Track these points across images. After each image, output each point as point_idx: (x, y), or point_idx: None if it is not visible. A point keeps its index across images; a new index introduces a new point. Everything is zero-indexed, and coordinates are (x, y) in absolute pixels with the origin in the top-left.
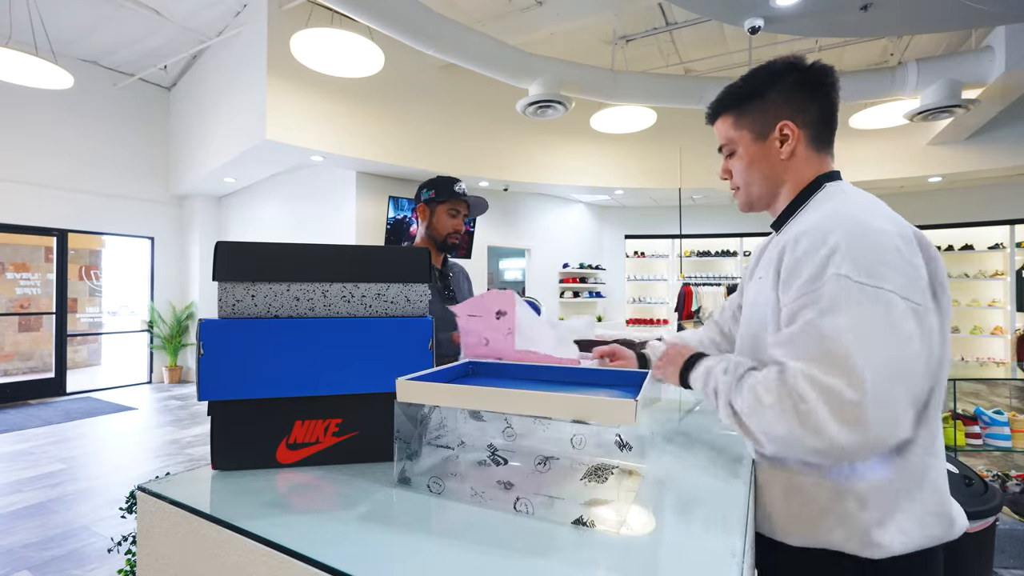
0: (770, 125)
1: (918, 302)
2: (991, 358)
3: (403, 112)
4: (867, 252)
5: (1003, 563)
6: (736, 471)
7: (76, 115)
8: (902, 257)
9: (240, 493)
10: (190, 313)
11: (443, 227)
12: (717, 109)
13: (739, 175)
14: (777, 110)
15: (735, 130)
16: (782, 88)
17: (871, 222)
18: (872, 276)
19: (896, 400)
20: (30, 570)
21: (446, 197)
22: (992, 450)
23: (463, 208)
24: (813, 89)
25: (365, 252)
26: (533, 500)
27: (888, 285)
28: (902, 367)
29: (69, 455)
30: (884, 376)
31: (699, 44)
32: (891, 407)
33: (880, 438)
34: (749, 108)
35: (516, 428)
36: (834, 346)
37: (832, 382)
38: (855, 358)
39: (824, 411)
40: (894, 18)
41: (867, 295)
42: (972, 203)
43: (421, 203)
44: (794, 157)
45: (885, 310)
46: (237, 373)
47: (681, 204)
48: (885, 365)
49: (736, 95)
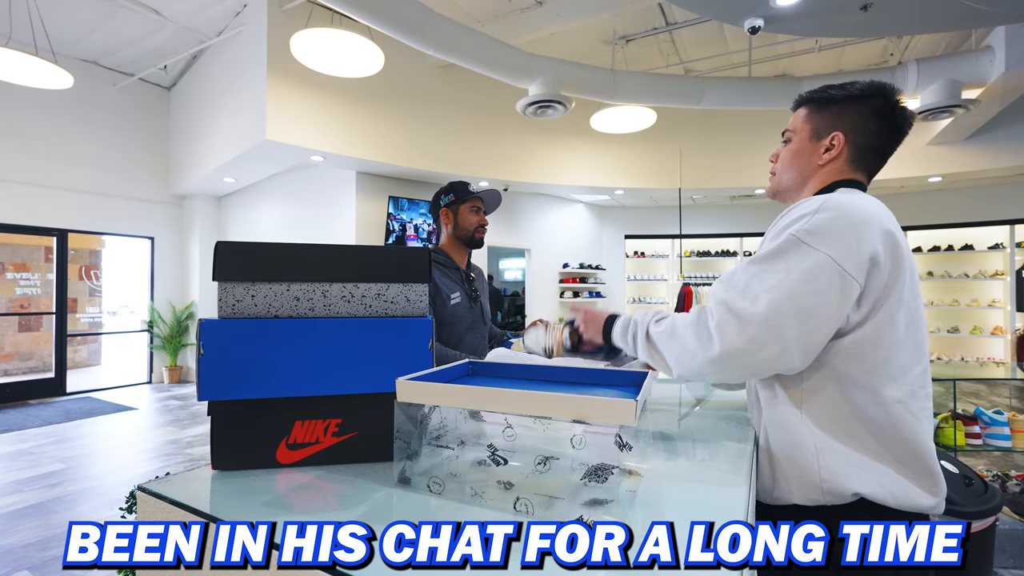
0: (828, 130)
1: (849, 271)
2: (991, 358)
3: (403, 112)
4: (824, 220)
5: (1003, 563)
6: (737, 470)
7: (76, 115)
8: (854, 233)
9: (240, 493)
10: (190, 313)
11: (469, 224)
12: (805, 98)
13: (782, 161)
14: (841, 120)
15: (804, 122)
16: (860, 106)
17: (846, 202)
18: (816, 239)
19: (786, 331)
20: (30, 570)
21: (465, 197)
22: (992, 450)
23: (481, 204)
24: (879, 120)
25: (365, 252)
26: (533, 500)
27: (823, 247)
28: (803, 308)
29: (69, 455)
30: (782, 308)
31: (699, 44)
32: (780, 336)
33: (767, 358)
34: (826, 109)
35: (516, 428)
36: (754, 279)
37: (740, 304)
38: (766, 290)
39: (726, 325)
40: (894, 18)
41: (802, 251)
42: (972, 203)
43: (443, 208)
44: (830, 165)
45: (811, 264)
46: (237, 373)
47: (681, 204)
48: (788, 302)
49: (823, 94)
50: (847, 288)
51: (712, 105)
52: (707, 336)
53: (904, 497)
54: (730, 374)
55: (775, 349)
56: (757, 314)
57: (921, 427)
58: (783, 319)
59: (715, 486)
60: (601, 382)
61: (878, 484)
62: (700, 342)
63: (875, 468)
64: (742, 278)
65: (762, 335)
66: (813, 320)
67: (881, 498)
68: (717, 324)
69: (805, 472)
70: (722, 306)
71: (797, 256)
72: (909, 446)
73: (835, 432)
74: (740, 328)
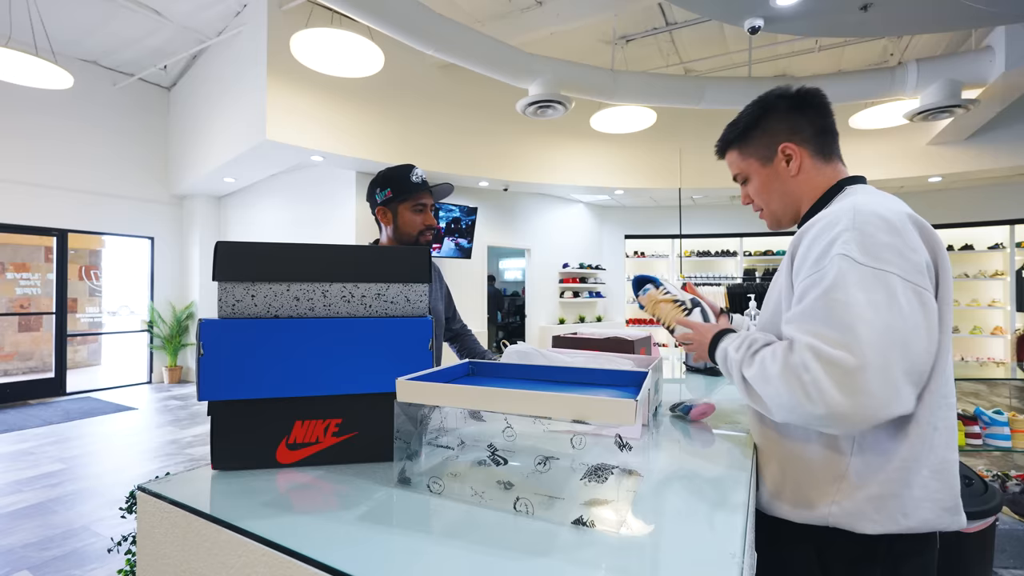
0: (772, 150)
1: (919, 283)
2: (991, 358)
3: (403, 112)
4: (870, 236)
5: (1003, 563)
6: (736, 469)
7: (76, 115)
8: (904, 241)
9: (240, 493)
10: (190, 313)
11: (410, 227)
12: (723, 145)
13: (758, 198)
14: (775, 135)
15: (743, 160)
16: (775, 116)
17: (877, 210)
18: (875, 259)
19: (895, 371)
20: (30, 570)
21: (406, 193)
22: (992, 450)
23: (427, 199)
24: (802, 110)
25: (365, 252)
26: (533, 500)
27: (890, 267)
28: (902, 340)
29: (69, 455)
30: (884, 348)
31: (699, 44)
32: (890, 378)
33: (879, 407)
34: (751, 139)
35: (516, 428)
36: (837, 320)
37: (834, 354)
38: (857, 330)
39: (826, 381)
40: (894, 18)
41: (869, 274)
42: (972, 203)
43: (379, 206)
44: (802, 172)
45: (887, 289)
46: (237, 373)
47: (681, 204)
48: (886, 337)
49: (737, 129)
50: (926, 303)
51: (712, 105)
52: (802, 394)
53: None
54: (839, 430)
55: (886, 396)
56: (856, 362)
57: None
58: (885, 359)
59: (715, 485)
60: (601, 382)
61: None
62: (796, 399)
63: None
64: (818, 316)
65: (868, 385)
66: (914, 349)
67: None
68: (813, 380)
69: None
70: (809, 353)
71: (865, 281)
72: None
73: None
74: (839, 381)
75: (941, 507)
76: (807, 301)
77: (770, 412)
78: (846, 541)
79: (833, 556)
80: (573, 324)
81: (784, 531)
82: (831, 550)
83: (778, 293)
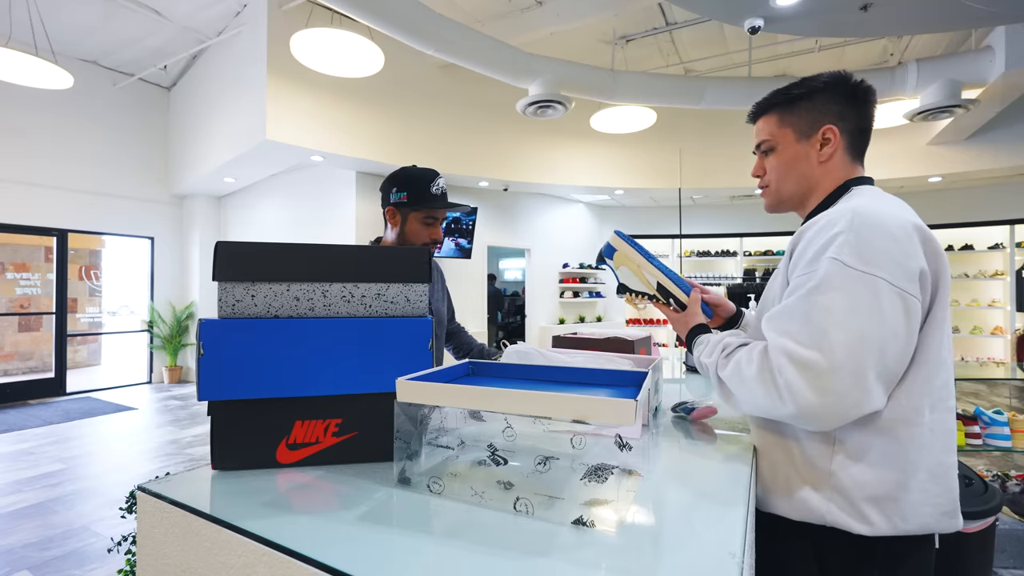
0: (815, 127)
1: (907, 290)
2: (991, 358)
3: (403, 112)
4: (865, 240)
5: (1003, 563)
6: (736, 469)
7: (76, 115)
8: (900, 247)
9: (240, 493)
10: (190, 313)
11: (417, 239)
12: (764, 106)
13: (774, 172)
14: (823, 114)
15: (779, 127)
16: (831, 95)
17: (877, 213)
18: (866, 263)
19: (866, 374)
20: (30, 570)
21: (421, 204)
22: (992, 450)
23: (441, 213)
24: (856, 102)
25: (365, 252)
26: (533, 500)
27: (880, 272)
28: (878, 345)
29: (69, 455)
30: (857, 352)
31: (699, 44)
32: (860, 380)
33: (850, 407)
34: (797, 108)
35: (516, 428)
36: (813, 322)
37: (807, 355)
38: (831, 333)
39: (799, 383)
40: (894, 18)
41: (856, 278)
42: (972, 203)
43: (391, 206)
44: (831, 161)
45: (872, 294)
46: (237, 373)
47: (681, 204)
48: (859, 342)
49: (787, 95)
50: (911, 309)
51: (712, 105)
52: (776, 394)
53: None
54: (812, 427)
55: (856, 396)
56: (827, 364)
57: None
58: (855, 362)
59: (715, 485)
60: (601, 382)
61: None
62: (770, 399)
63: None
64: (795, 318)
65: (837, 386)
66: (888, 353)
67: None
68: (786, 382)
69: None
70: (784, 356)
71: (849, 285)
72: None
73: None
74: (811, 383)
75: (940, 511)
76: (790, 300)
77: (739, 408)
78: (844, 540)
79: (830, 554)
80: (573, 324)
81: (781, 528)
82: (828, 548)
83: (774, 286)
